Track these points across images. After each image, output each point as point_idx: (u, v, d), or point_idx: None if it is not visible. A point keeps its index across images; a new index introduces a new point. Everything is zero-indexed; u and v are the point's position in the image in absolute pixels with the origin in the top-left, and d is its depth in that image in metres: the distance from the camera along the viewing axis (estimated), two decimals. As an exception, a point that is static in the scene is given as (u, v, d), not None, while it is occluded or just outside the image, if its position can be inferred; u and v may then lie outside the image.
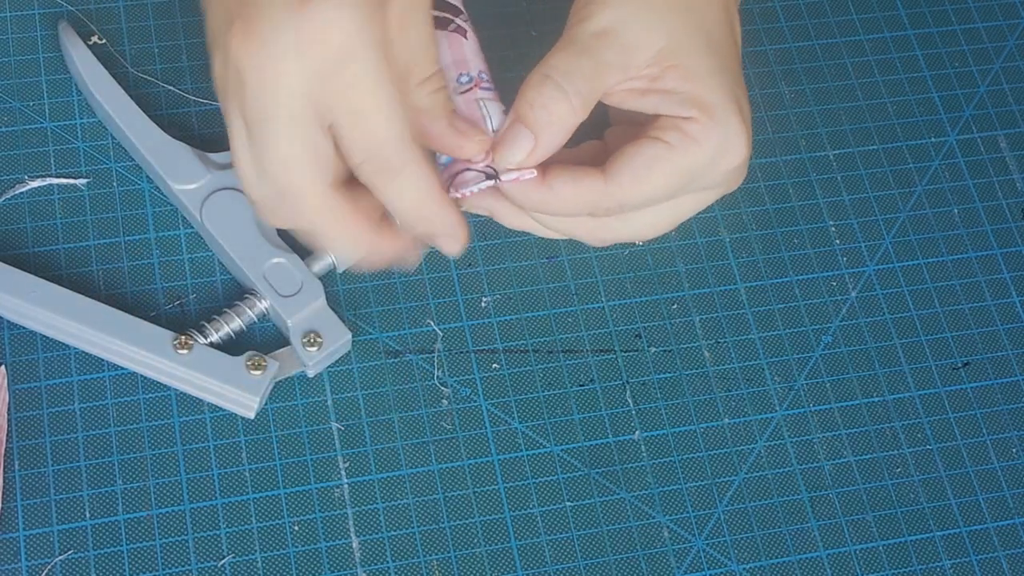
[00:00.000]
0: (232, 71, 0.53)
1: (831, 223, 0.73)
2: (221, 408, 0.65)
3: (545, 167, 0.58)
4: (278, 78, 0.52)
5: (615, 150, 0.59)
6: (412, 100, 0.55)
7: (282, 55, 0.52)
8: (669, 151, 0.56)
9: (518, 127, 0.56)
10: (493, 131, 0.58)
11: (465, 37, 0.61)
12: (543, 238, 0.67)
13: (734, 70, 0.59)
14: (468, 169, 0.58)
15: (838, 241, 0.72)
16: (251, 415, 0.64)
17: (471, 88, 0.58)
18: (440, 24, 0.60)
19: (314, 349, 0.65)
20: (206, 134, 0.71)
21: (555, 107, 0.56)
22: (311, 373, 0.66)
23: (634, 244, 0.70)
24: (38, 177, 0.69)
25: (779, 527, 0.65)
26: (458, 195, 0.58)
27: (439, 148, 0.58)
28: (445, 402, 0.66)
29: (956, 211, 0.74)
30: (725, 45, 0.59)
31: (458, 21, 0.61)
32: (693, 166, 0.57)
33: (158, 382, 0.65)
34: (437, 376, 0.67)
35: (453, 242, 0.58)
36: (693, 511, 0.65)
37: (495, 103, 0.60)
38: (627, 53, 0.56)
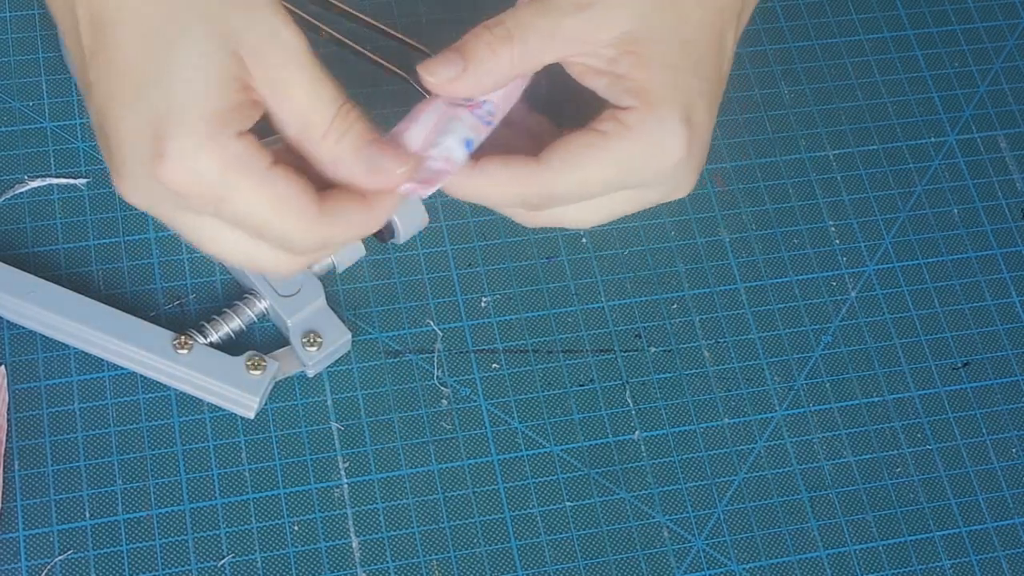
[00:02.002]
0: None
1: (831, 223, 0.73)
2: (221, 408, 0.65)
3: (478, 156, 0.56)
4: (168, 213, 0.52)
5: None
6: (321, 155, 0.54)
7: (160, 201, 0.52)
8: (603, 139, 0.55)
9: (452, 52, 0.55)
10: (444, 149, 0.54)
11: None
12: (542, 239, 0.66)
13: (705, 74, 0.57)
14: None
15: (838, 241, 0.72)
16: (251, 415, 0.64)
17: (460, 105, 0.56)
18: None
19: (314, 349, 0.65)
20: (206, 134, 0.70)
21: (500, 48, 0.55)
22: (311, 373, 0.66)
23: (633, 244, 0.70)
24: (38, 177, 0.69)
25: (779, 527, 0.65)
26: (405, 192, 0.54)
27: (362, 189, 0.55)
28: (445, 402, 0.66)
29: (956, 211, 0.74)
30: (703, 49, 0.57)
31: None
32: (625, 157, 0.56)
33: (158, 382, 0.65)
34: (437, 376, 0.67)
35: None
36: (693, 511, 0.65)
37: (471, 130, 0.55)
38: (589, 27, 0.55)
